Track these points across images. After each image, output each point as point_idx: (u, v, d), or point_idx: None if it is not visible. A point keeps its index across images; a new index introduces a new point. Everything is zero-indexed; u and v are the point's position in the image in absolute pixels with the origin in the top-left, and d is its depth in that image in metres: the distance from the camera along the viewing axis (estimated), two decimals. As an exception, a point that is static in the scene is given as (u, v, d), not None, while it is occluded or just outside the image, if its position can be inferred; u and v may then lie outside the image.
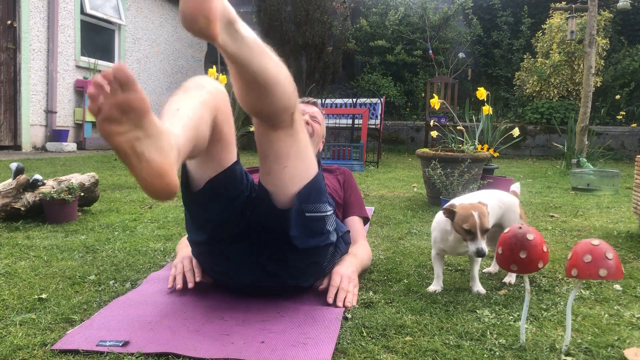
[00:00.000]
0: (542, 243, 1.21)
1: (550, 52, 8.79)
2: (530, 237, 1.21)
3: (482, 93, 3.52)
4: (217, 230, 1.42)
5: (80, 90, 7.48)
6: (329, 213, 1.48)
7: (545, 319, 1.43)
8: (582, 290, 1.68)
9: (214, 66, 4.99)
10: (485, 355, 1.19)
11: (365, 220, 2.07)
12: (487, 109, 3.73)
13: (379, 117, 7.43)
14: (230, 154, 1.35)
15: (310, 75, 9.73)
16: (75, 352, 1.16)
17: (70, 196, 2.54)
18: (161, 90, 9.59)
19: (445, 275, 1.83)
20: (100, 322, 1.33)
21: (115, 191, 3.67)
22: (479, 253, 1.47)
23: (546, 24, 9.06)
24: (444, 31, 10.05)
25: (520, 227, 1.23)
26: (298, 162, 1.37)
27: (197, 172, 1.35)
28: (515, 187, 1.92)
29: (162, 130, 0.96)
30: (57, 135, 7.08)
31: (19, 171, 2.60)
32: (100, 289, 1.62)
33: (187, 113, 1.12)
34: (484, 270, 1.91)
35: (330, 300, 1.47)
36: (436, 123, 7.10)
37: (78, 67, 7.53)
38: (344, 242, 1.71)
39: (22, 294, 1.53)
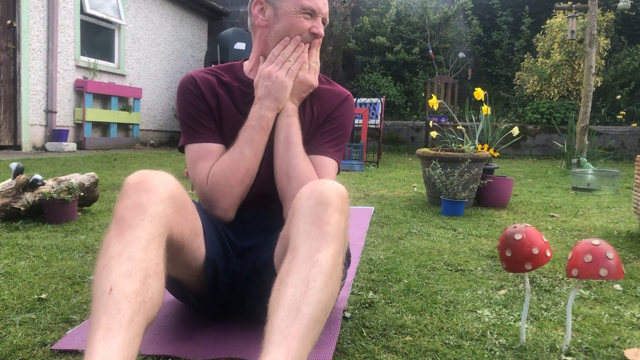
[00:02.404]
0: (531, 244, 1.17)
1: (551, 51, 8.78)
2: (517, 237, 1.19)
3: (479, 93, 3.52)
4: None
5: (80, 90, 7.48)
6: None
7: (545, 319, 1.43)
8: (582, 290, 1.68)
9: (213, 65, 4.98)
10: (485, 355, 1.19)
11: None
12: (485, 109, 3.73)
13: (379, 116, 7.43)
14: (197, 250, 1.19)
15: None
16: (75, 352, 1.16)
17: (70, 196, 2.54)
18: (161, 90, 9.58)
19: (445, 275, 1.83)
20: (100, 322, 1.32)
21: (115, 191, 3.67)
22: None
23: (546, 24, 9.06)
24: (444, 31, 10.05)
25: (515, 227, 1.23)
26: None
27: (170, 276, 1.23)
28: None
29: None
30: (57, 135, 7.08)
31: (18, 171, 2.60)
32: (100, 289, 1.62)
33: (124, 290, 0.88)
34: None
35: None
36: (435, 123, 7.10)
37: (78, 66, 7.52)
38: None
39: (21, 294, 1.53)
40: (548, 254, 1.18)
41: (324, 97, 1.41)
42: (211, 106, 1.35)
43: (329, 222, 1.00)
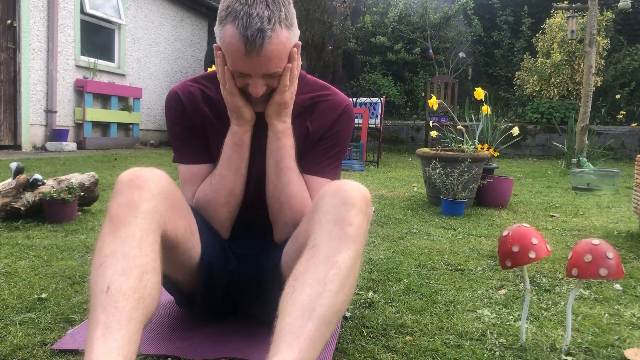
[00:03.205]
0: (512, 243, 1.18)
1: (551, 51, 8.79)
2: (504, 233, 1.22)
3: (479, 93, 3.52)
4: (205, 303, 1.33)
5: (80, 89, 7.47)
6: None
7: (545, 318, 1.43)
8: (582, 290, 1.68)
9: (213, 65, 4.99)
10: (485, 355, 1.19)
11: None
12: (486, 109, 3.73)
13: (379, 116, 7.43)
14: (193, 249, 1.18)
15: (310, 74, 9.74)
16: (75, 351, 1.16)
17: (70, 196, 2.54)
18: (161, 90, 9.58)
19: (445, 274, 1.83)
20: (100, 321, 1.32)
21: (115, 191, 3.67)
22: None
23: (546, 24, 9.06)
24: (444, 31, 10.05)
25: (512, 225, 1.25)
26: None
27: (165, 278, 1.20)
28: None
29: None
30: (57, 134, 7.08)
31: (18, 171, 2.60)
32: (100, 288, 1.62)
33: (121, 288, 0.88)
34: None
35: None
36: (436, 123, 7.10)
37: (78, 66, 7.52)
38: None
39: (22, 294, 1.53)
40: (532, 255, 1.16)
41: (320, 111, 1.30)
42: (196, 124, 1.30)
43: (352, 224, 0.99)
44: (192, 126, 1.30)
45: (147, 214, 0.98)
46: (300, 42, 1.18)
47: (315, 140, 1.30)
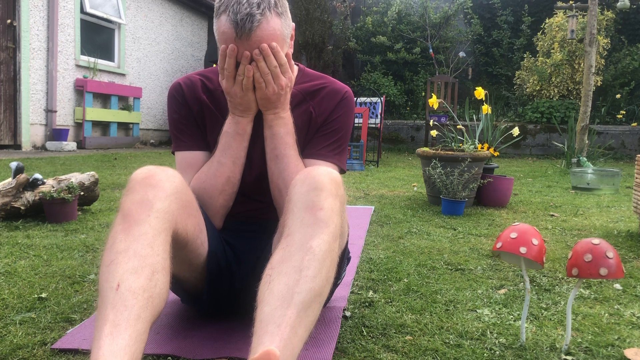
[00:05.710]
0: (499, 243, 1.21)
1: (552, 51, 8.78)
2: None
3: (480, 92, 3.52)
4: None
5: (80, 89, 7.47)
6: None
7: (545, 318, 1.43)
8: (582, 289, 1.68)
9: (214, 65, 4.99)
10: (485, 354, 1.19)
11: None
12: (486, 108, 3.73)
13: (379, 116, 7.43)
14: (201, 247, 1.20)
15: (310, 74, 9.73)
16: (75, 351, 1.16)
17: (70, 195, 2.54)
18: (161, 89, 9.58)
19: (445, 274, 1.83)
20: (100, 321, 1.32)
21: (115, 190, 3.67)
22: None
23: (546, 23, 9.06)
24: (445, 30, 10.05)
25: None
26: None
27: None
28: None
29: None
30: (57, 134, 7.08)
31: (18, 170, 2.60)
32: (100, 288, 1.62)
33: (131, 287, 0.89)
34: None
35: None
36: (436, 122, 7.10)
37: (78, 66, 7.52)
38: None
39: (22, 293, 1.53)
40: (535, 242, 1.20)
41: (321, 97, 1.33)
42: (194, 111, 1.31)
43: (322, 208, 1.00)
44: (191, 114, 1.32)
45: (160, 214, 0.99)
46: (293, 34, 1.20)
47: (317, 126, 1.32)
